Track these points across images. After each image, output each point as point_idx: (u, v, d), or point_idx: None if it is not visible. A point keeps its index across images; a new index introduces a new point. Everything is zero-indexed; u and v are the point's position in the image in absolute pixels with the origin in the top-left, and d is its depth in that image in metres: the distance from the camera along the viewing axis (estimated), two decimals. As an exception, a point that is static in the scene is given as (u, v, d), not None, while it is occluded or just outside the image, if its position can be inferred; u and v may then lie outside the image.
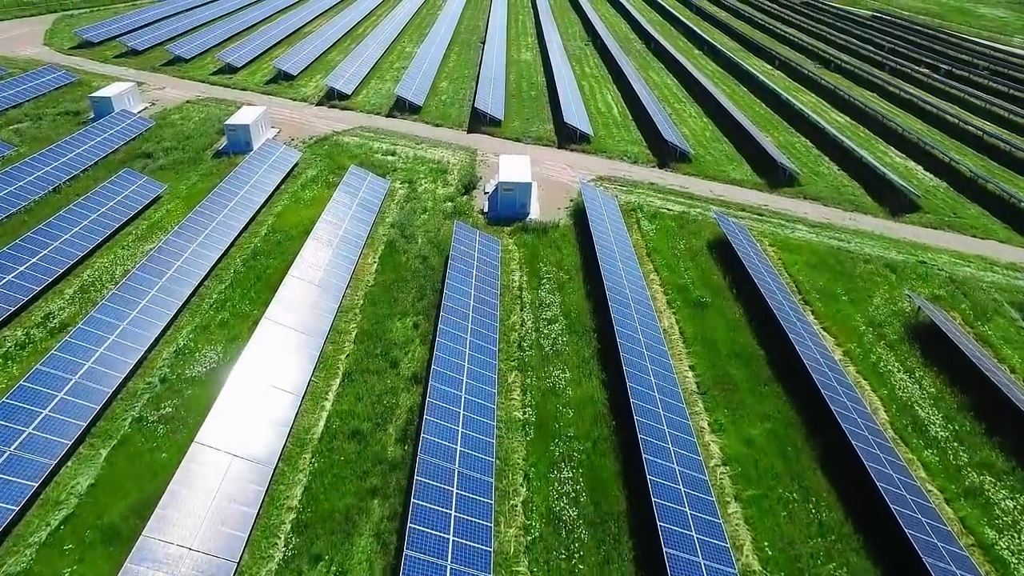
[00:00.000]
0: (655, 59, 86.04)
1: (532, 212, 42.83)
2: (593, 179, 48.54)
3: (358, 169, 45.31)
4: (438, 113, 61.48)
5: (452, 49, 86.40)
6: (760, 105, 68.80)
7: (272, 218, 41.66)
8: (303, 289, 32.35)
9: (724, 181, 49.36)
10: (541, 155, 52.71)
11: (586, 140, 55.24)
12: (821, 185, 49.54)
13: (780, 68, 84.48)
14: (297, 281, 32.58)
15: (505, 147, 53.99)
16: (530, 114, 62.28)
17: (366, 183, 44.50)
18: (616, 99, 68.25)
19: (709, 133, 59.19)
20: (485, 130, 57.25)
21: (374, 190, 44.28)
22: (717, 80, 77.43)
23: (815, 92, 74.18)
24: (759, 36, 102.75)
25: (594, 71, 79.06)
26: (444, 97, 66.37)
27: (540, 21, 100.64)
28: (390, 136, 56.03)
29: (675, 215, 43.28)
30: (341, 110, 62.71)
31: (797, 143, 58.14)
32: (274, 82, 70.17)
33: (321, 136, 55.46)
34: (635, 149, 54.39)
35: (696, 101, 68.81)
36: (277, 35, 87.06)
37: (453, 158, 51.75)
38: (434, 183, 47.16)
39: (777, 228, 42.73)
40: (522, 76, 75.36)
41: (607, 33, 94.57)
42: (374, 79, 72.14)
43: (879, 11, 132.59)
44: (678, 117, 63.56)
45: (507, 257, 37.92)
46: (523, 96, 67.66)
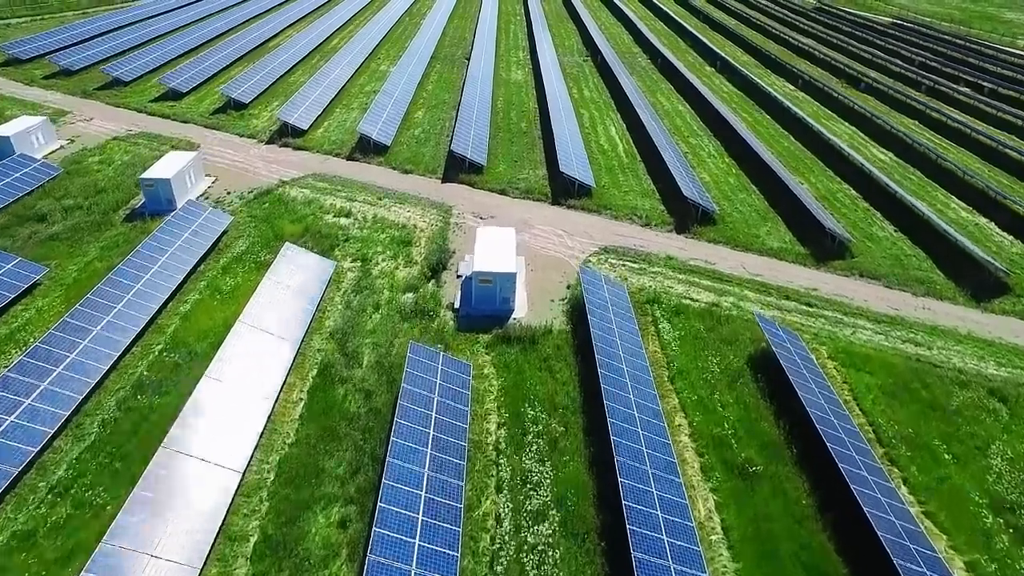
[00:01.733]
0: (663, 78, 76.16)
1: (517, 308, 33.10)
2: (596, 252, 38.79)
3: (295, 248, 35.45)
4: (409, 154, 51.57)
5: (433, 67, 76.39)
6: (788, 138, 59.07)
7: (177, 322, 31.78)
8: (185, 469, 22.51)
9: (759, 251, 39.67)
10: (531, 215, 42.93)
11: (586, 193, 45.47)
12: (878, 255, 39.90)
13: (804, 89, 74.74)
14: (173, 456, 22.68)
15: (487, 204, 44.18)
16: (519, 154, 52.42)
17: (304, 267, 34.67)
18: (621, 133, 58.42)
19: (733, 180, 49.43)
20: (464, 178, 47.40)
21: (314, 276, 34.45)
22: (735, 105, 67.62)
23: (848, 120, 64.45)
24: (774, 48, 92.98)
25: (594, 95, 69.16)
26: (418, 131, 56.45)
27: (533, 32, 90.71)
28: (347, 188, 46.13)
29: (702, 309, 33.57)
30: (294, 150, 52.76)
31: (839, 192, 48.43)
32: (223, 111, 60.22)
33: (264, 188, 45.54)
34: (646, 205, 44.63)
35: (714, 133, 59.04)
36: (235, 52, 76.93)
37: (421, 220, 41.91)
38: (394, 260, 37.35)
39: (835, 327, 33.07)
40: (511, 102, 65.43)
41: (608, 47, 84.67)
42: (339, 107, 62.17)
43: (899, 18, 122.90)
44: (695, 156, 53.78)
45: (482, 389, 28.17)
46: (511, 129, 57.77)
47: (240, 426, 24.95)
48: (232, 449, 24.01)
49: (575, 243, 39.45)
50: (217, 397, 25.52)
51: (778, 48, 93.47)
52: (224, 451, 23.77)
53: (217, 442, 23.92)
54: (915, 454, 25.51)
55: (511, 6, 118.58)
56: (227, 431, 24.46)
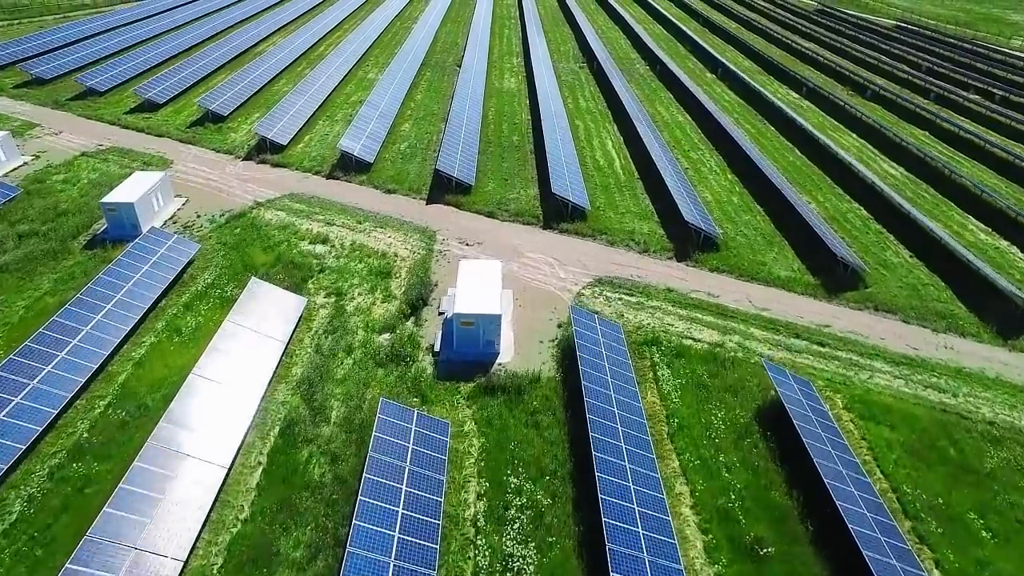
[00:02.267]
0: (662, 87, 73.29)
1: (503, 351, 30.29)
2: (590, 283, 35.98)
3: (262, 284, 32.59)
4: (393, 172, 48.71)
5: (423, 75, 73.49)
6: (793, 151, 56.25)
7: (129, 369, 28.94)
8: (115, 560, 19.65)
9: (765, 281, 36.86)
10: (521, 241, 40.08)
11: (580, 215, 42.65)
12: (893, 284, 37.11)
13: (808, 97, 71.92)
14: (99, 547, 19.84)
15: (474, 228, 41.33)
16: (511, 171, 49.55)
17: (272, 305, 31.83)
18: (618, 147, 55.56)
19: (737, 199, 46.60)
20: (450, 199, 44.55)
21: (282, 315, 31.61)
22: (737, 115, 64.77)
23: (855, 131, 61.64)
24: (776, 53, 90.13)
25: (590, 105, 66.30)
26: (404, 146, 53.59)
27: (528, 37, 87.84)
28: (326, 210, 43.28)
29: (705, 351, 30.76)
30: (272, 167, 49.89)
31: (849, 212, 45.63)
32: (200, 124, 57.34)
33: (237, 211, 42.69)
34: (645, 228, 41.80)
35: (715, 147, 56.21)
36: (218, 59, 73.99)
37: (403, 247, 39.08)
38: (371, 294, 34.52)
39: (849, 370, 30.29)
40: (503, 113, 62.57)
41: (605, 52, 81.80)
42: (322, 120, 59.29)
43: (903, 20, 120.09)
44: (696, 172, 50.94)
45: (461, 450, 25.37)
46: (503, 143, 54.90)
47: (187, 500, 22.14)
48: (174, 532, 21.20)
49: (567, 274, 36.61)
50: (163, 465, 22.73)
51: (780, 53, 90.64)
52: (165, 536, 20.96)
53: (158, 526, 21.12)
54: (947, 530, 22.73)
55: (506, 9, 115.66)
56: (170, 509, 21.65)
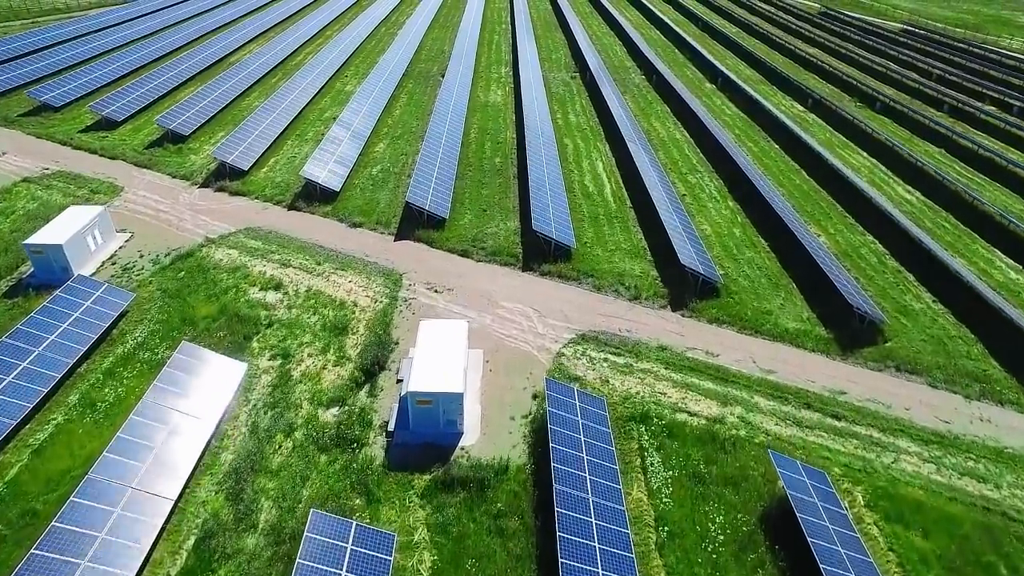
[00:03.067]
0: (658, 98, 68.93)
1: (468, 431, 26.10)
2: (572, 340, 31.75)
3: (194, 349, 28.37)
4: (361, 202, 44.45)
5: (404, 86, 69.21)
6: (799, 174, 51.96)
7: (25, 459, 24.76)
8: None
9: (771, 334, 32.60)
10: (496, 287, 35.83)
11: (565, 254, 38.43)
12: (916, 337, 32.86)
13: (814, 109, 67.61)
14: None
15: (445, 270, 37.05)
16: (490, 199, 45.28)
17: (204, 374, 27.62)
18: (610, 169, 51.26)
19: (739, 231, 42.33)
20: (421, 234, 40.28)
21: (215, 387, 27.36)
22: (739, 131, 60.45)
23: (866, 149, 57.33)
24: (780, 61, 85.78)
25: (581, 120, 61.99)
26: (376, 170, 49.31)
27: (518, 45, 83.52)
28: (284, 248, 39.05)
29: (702, 429, 26.55)
30: (231, 195, 45.66)
31: (863, 247, 41.37)
32: (159, 144, 53.14)
33: (185, 249, 38.43)
34: (636, 269, 37.55)
35: (715, 169, 51.90)
36: (186, 71, 69.63)
37: (364, 295, 34.86)
38: (323, 355, 30.31)
39: (870, 451, 26.07)
40: (487, 130, 58.28)
41: (599, 61, 77.46)
42: (291, 139, 55.05)
43: (909, 24, 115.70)
44: (694, 199, 46.65)
45: (409, 568, 21.14)
46: (483, 167, 50.63)
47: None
48: None
49: (547, 328, 32.38)
50: (38, 602, 18.56)
51: (784, 60, 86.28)
52: None
53: None
54: None
55: (496, 13, 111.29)
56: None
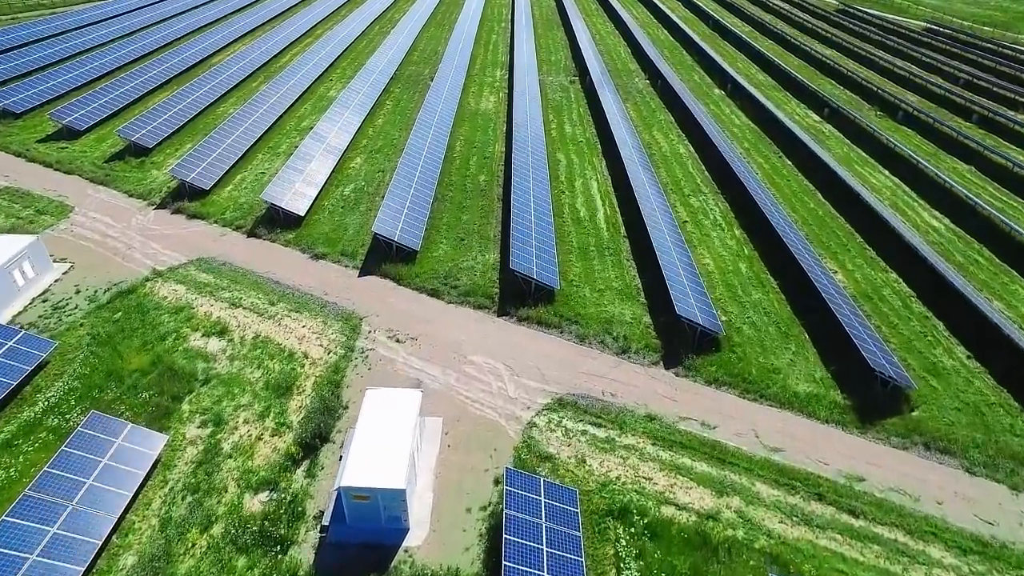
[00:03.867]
0: (662, 106, 64.23)
1: (415, 526, 22.04)
2: (547, 406, 27.59)
3: (103, 420, 24.50)
4: (329, 228, 40.42)
5: (390, 91, 65.03)
6: (814, 196, 47.30)
7: None
8: None
9: (779, 400, 28.26)
10: (467, 336, 31.63)
11: (547, 296, 34.23)
12: (949, 405, 28.42)
13: (830, 119, 62.70)
14: None
15: (411, 313, 32.85)
16: (470, 226, 41.07)
17: (114, 451, 23.79)
18: (605, 189, 46.85)
19: (745, 267, 37.91)
20: (388, 269, 36.17)
21: (125, 468, 23.50)
22: (748, 145, 55.74)
23: (888, 167, 52.49)
24: (794, 64, 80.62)
25: (577, 131, 57.52)
26: (349, 189, 45.26)
27: (516, 45, 78.97)
28: (237, 283, 35.11)
29: (691, 530, 22.35)
30: (188, 218, 41.78)
31: (885, 286, 36.81)
32: (121, 158, 49.41)
33: (127, 284, 34.60)
34: (627, 314, 33.27)
35: (721, 190, 47.31)
36: (163, 74, 65.78)
37: (317, 344, 30.87)
38: (261, 421, 26.40)
39: (894, 563, 21.50)
40: (474, 143, 53.99)
41: (601, 64, 72.79)
42: (262, 153, 51.09)
43: (933, 22, 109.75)
44: (696, 227, 42.18)
45: None
46: (466, 187, 46.38)
47: None
48: None
49: (520, 390, 28.25)
50: None
51: (798, 63, 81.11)
52: None
53: None
54: None
55: (497, 10, 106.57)
56: None
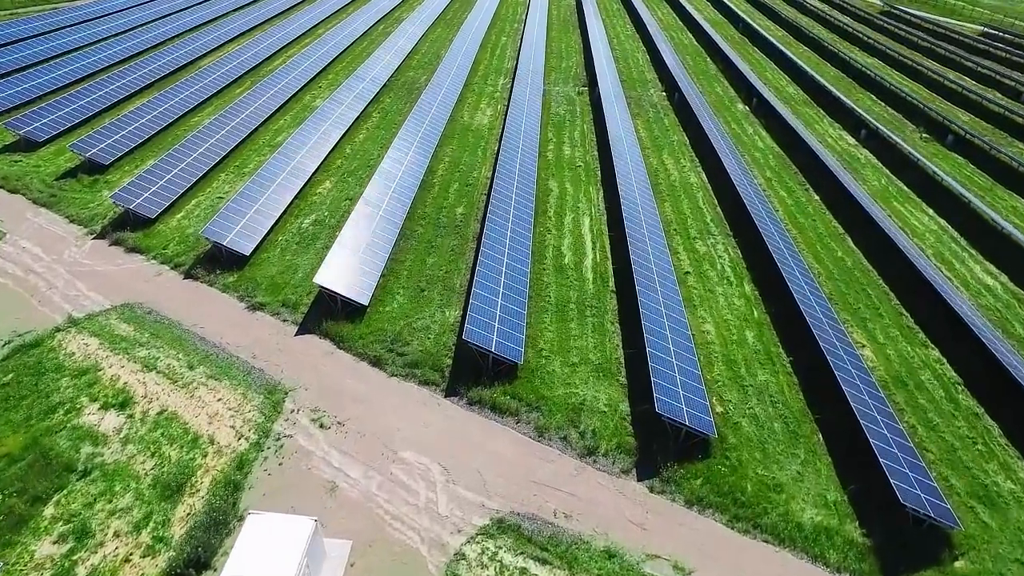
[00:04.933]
0: (677, 124, 57.87)
1: None
2: (482, 529, 22.19)
3: (-73, 540, 20.31)
4: (277, 269, 35.54)
5: (380, 101, 60.05)
6: (843, 241, 40.75)
7: None
8: None
9: (778, 533, 22.34)
10: (405, 422, 26.20)
11: (508, 373, 28.87)
12: (1006, 553, 21.95)
13: (867, 142, 55.64)
14: None
15: (346, 387, 27.48)
16: (435, 273, 35.67)
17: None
18: (598, 227, 40.91)
19: (752, 337, 31.81)
20: (331, 328, 30.98)
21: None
22: (770, 175, 49.19)
23: (933, 204, 45.42)
24: (830, 75, 73.12)
25: (577, 152, 51.63)
26: (308, 221, 40.36)
27: (523, 49, 73.18)
28: (158, 338, 30.45)
29: None
30: (128, 251, 37.29)
31: (923, 368, 30.39)
32: (74, 175, 45.46)
33: (33, 336, 30.33)
34: (601, 399, 27.68)
35: (733, 232, 40.98)
36: (142, 79, 61.77)
37: (228, 426, 26.01)
38: (134, 535, 21.49)
39: None
40: (458, 165, 48.59)
41: (614, 73, 66.60)
42: (226, 172, 46.53)
43: (991, 26, 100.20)
44: (700, 280, 36.09)
45: None
46: (440, 220, 40.99)
47: None
48: None
49: (453, 505, 22.92)
50: None
51: (835, 74, 73.61)
52: None
53: None
54: None
55: (512, 9, 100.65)
56: None
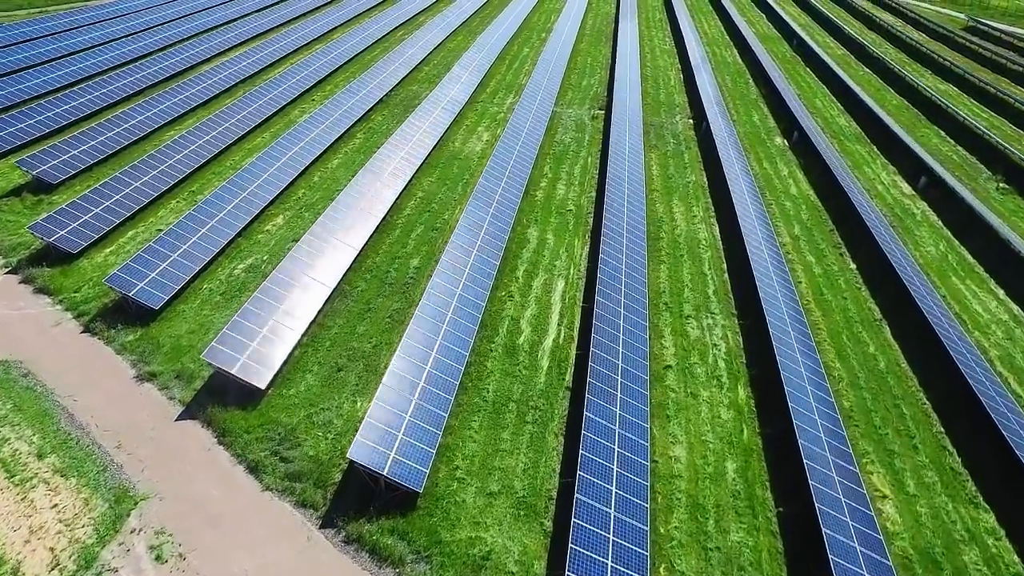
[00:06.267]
0: (698, 162, 49.98)
1: None
2: None
3: None
4: (188, 327, 30.37)
5: (370, 119, 54.67)
6: (878, 330, 32.43)
7: None
8: None
9: None
10: (259, 562, 20.26)
11: (406, 499, 22.80)
12: None
13: (927, 192, 46.72)
14: None
15: (207, 501, 21.81)
16: (362, 346, 29.24)
17: None
18: (573, 293, 33.81)
19: (735, 470, 24.23)
20: (216, 414, 25.37)
21: None
22: (799, 232, 41.06)
23: (1005, 283, 36.44)
24: (892, 104, 63.49)
25: (573, 193, 44.61)
26: (241, 268, 34.98)
27: (540, 63, 66.63)
28: (19, 411, 25.51)
29: None
30: (36, 291, 32.93)
31: (966, 541, 22.37)
32: (18, 194, 42.05)
33: None
34: (515, 551, 20.85)
35: (739, 309, 33.36)
36: (131, 85, 58.52)
37: (45, 548, 20.58)
38: None
39: None
40: (432, 202, 42.21)
41: (637, 95, 59.32)
42: (176, 200, 41.79)
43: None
44: (681, 376, 28.65)
45: None
46: (388, 277, 34.53)
47: None
48: None
49: None
50: None
51: (898, 102, 63.99)
52: None
53: None
54: None
55: (544, 17, 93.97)
56: None
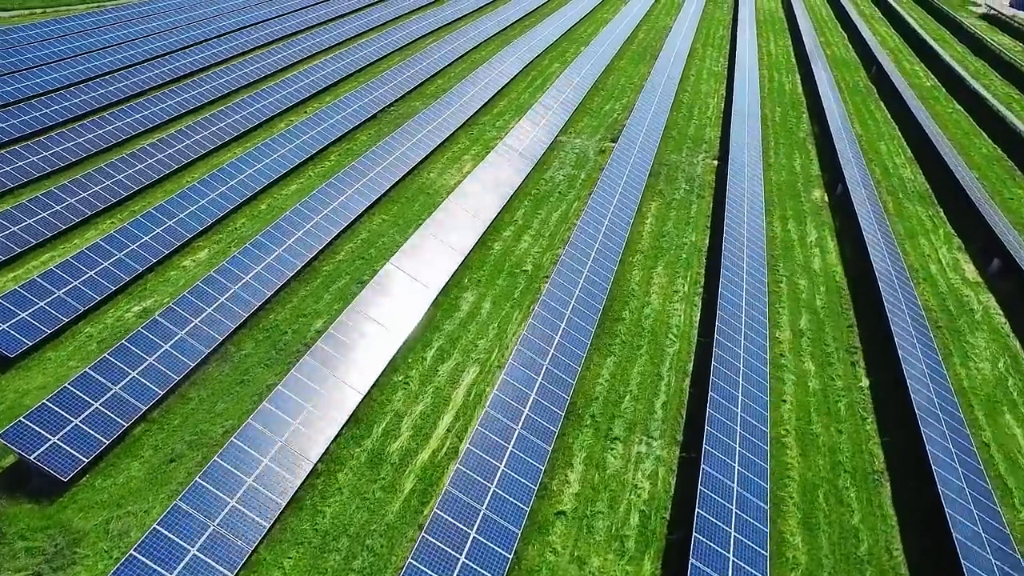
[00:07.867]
0: (705, 216, 41.66)
1: None
2: None
3: None
4: (37, 382, 25.89)
5: (354, 138, 49.71)
6: (878, 525, 23.94)
7: None
8: None
9: None
10: None
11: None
12: None
13: (998, 279, 36.80)
14: None
15: None
16: (213, 431, 24.07)
17: None
18: (479, 394, 27.56)
19: None
20: (3, 506, 21.31)
21: None
22: (806, 327, 32.00)
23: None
24: (981, 151, 52.41)
25: (537, 247, 37.14)
26: (131, 312, 30.97)
27: (560, 82, 59.67)
28: None
29: None
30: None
31: None
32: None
33: None
34: None
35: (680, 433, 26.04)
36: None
37: None
38: None
39: None
40: (370, 247, 35.94)
41: (659, 126, 51.32)
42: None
43: None
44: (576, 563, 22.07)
45: None
46: (278, 339, 29.41)
47: None
48: None
49: None
50: None
51: (987, 153, 52.77)
52: None
53: None
54: None
55: (592, 25, 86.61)
56: None
